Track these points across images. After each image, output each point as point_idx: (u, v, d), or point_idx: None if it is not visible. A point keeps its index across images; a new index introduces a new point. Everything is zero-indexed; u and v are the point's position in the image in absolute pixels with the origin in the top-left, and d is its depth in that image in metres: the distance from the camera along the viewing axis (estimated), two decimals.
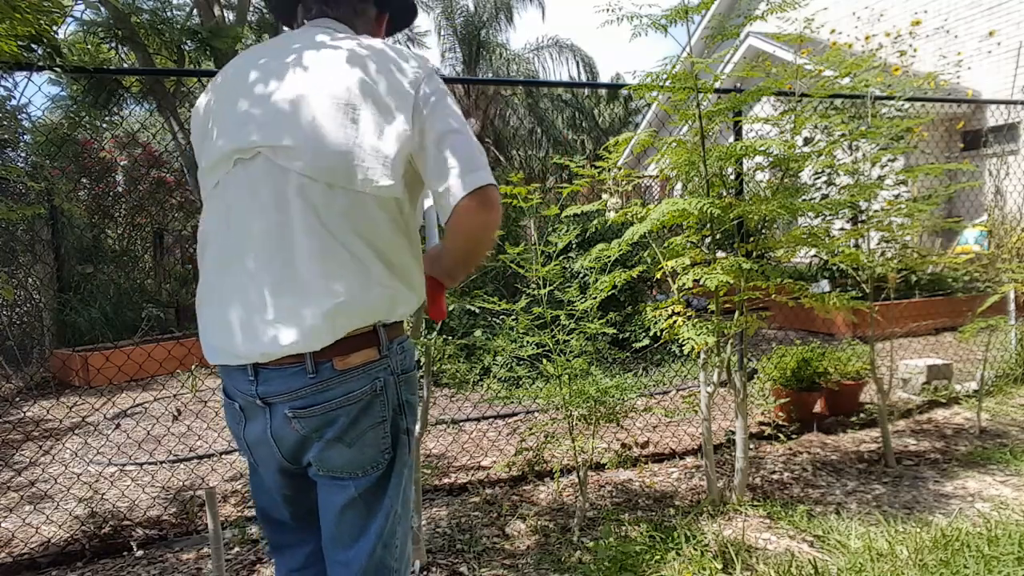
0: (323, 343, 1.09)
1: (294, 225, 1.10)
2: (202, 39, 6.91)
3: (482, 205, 1.10)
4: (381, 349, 1.15)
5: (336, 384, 1.12)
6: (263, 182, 1.12)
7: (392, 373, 1.17)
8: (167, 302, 7.82)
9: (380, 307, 1.14)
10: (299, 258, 1.09)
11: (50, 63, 2.68)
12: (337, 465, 1.16)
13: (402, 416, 1.20)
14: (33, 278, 6.73)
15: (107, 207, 8.07)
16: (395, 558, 1.22)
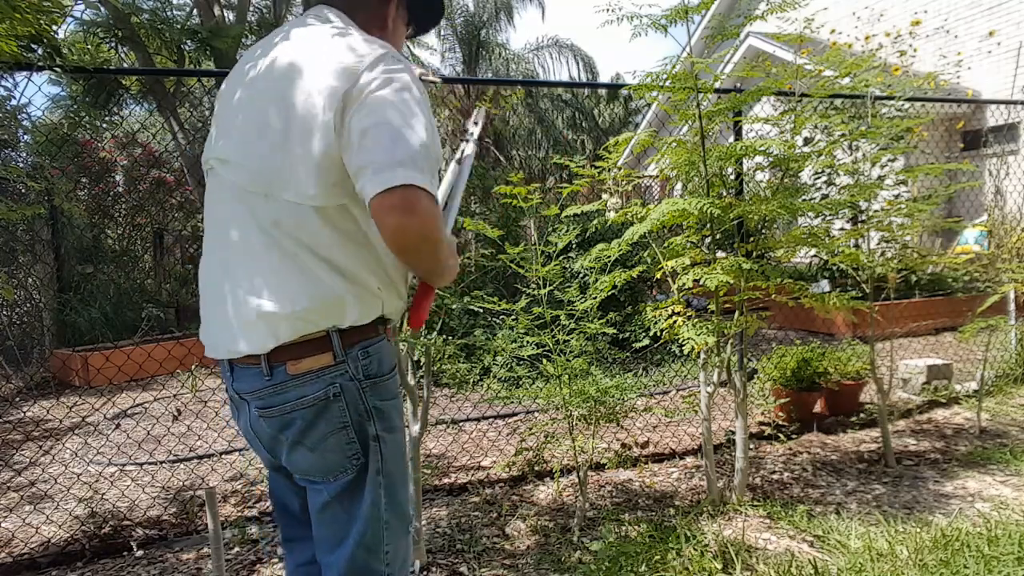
0: (266, 347, 1.12)
1: (245, 232, 1.14)
2: (202, 39, 6.91)
3: (392, 209, 1.00)
4: (336, 355, 1.13)
5: (290, 387, 1.13)
6: (220, 191, 1.20)
7: (352, 379, 1.14)
8: (167, 302, 7.82)
9: (327, 313, 1.12)
10: (249, 264, 1.13)
11: (50, 63, 2.68)
12: (303, 468, 1.19)
13: (370, 422, 1.16)
14: (33, 278, 6.73)
15: (107, 207, 8.07)
16: (385, 563, 1.20)
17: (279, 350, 1.13)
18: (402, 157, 1.02)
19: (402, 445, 1.25)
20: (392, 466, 1.20)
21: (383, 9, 1.32)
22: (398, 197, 1.00)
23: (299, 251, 1.11)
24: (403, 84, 1.09)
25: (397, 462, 1.22)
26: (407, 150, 1.03)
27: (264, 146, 1.11)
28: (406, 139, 1.04)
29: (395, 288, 1.22)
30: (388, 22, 1.32)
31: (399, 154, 1.02)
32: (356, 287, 1.14)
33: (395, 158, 1.02)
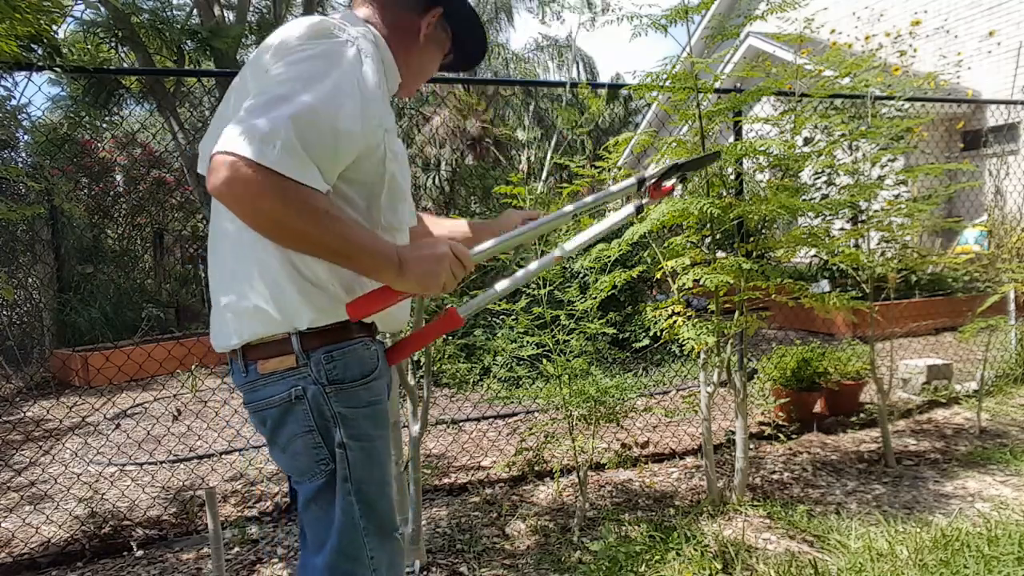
0: (231, 345, 1.16)
1: (221, 225, 1.15)
2: (202, 39, 6.91)
3: (211, 171, 0.94)
4: (298, 358, 1.11)
5: (261, 386, 1.14)
6: None
7: (316, 383, 1.11)
8: (167, 302, 7.82)
9: (281, 311, 1.10)
10: (225, 262, 1.16)
11: (50, 63, 2.68)
12: (282, 466, 1.22)
13: (336, 428, 1.12)
14: (33, 278, 6.73)
15: (107, 207, 8.08)
16: (371, 569, 1.17)
17: (251, 348, 1.14)
18: (246, 124, 0.94)
19: (378, 453, 1.19)
20: (362, 473, 1.15)
21: (418, 17, 1.26)
22: (215, 161, 0.93)
23: (256, 245, 1.08)
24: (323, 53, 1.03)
25: (369, 470, 1.17)
26: (259, 117, 0.94)
27: (215, 132, 1.08)
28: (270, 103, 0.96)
29: (366, 284, 1.16)
30: (419, 36, 1.27)
31: (246, 120, 0.94)
32: (310, 286, 1.10)
33: (240, 124, 0.94)
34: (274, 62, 1.04)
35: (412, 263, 1.08)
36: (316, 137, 0.97)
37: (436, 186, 16.33)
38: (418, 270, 1.09)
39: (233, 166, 0.92)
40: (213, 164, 0.93)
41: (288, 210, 0.95)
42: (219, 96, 8.86)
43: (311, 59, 1.03)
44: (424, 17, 1.26)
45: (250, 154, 0.91)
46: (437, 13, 1.27)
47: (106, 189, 8.12)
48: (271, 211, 0.95)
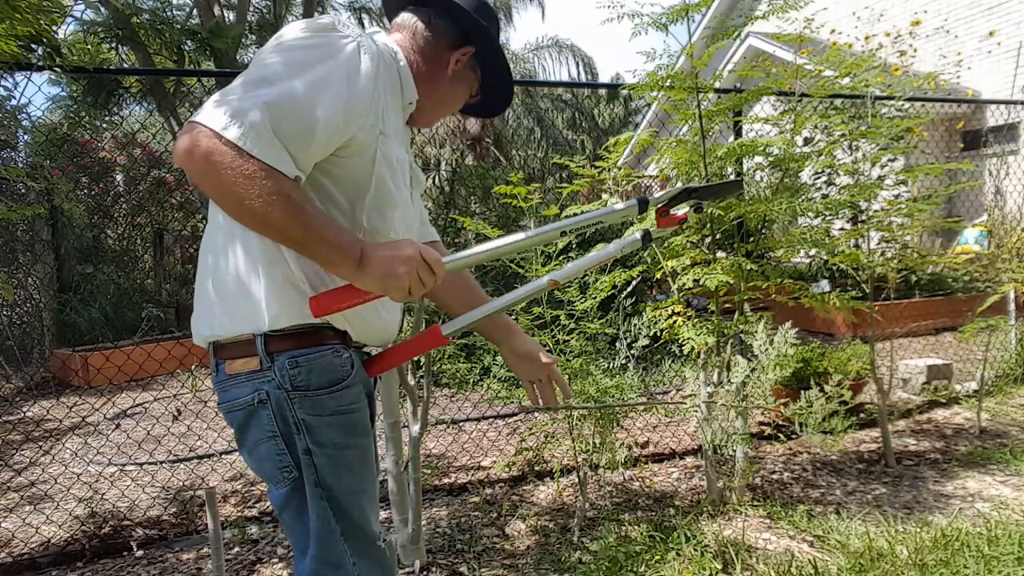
0: (200, 341, 1.16)
1: (216, 222, 1.14)
2: (202, 39, 6.92)
3: (178, 137, 0.94)
4: (262, 361, 1.08)
5: (229, 386, 1.12)
6: None
7: (280, 388, 1.08)
8: (167, 302, 7.82)
9: (248, 314, 1.08)
10: (207, 254, 1.15)
11: (50, 63, 2.68)
12: (251, 469, 1.18)
13: (299, 435, 1.09)
14: (33, 278, 6.73)
15: (107, 207, 8.08)
16: (357, 573, 1.14)
17: (221, 347, 1.12)
18: (220, 98, 0.94)
19: (347, 461, 1.14)
20: (331, 480, 1.11)
21: (447, 52, 1.26)
22: (183, 132, 0.93)
23: (236, 238, 1.08)
24: (318, 44, 1.03)
25: (338, 477, 1.12)
26: (237, 92, 0.95)
27: None
28: (251, 83, 0.96)
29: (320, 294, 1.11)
30: (447, 70, 1.27)
31: (221, 97, 0.94)
32: (280, 285, 1.07)
33: (216, 99, 0.94)
34: (270, 51, 1.03)
35: (374, 261, 1.02)
36: (291, 122, 0.96)
37: (436, 186, 16.33)
38: (380, 268, 1.03)
39: (196, 135, 0.91)
40: (182, 131, 0.93)
41: (247, 187, 0.92)
42: None
43: (306, 48, 1.02)
44: (454, 53, 1.27)
45: (217, 127, 0.91)
46: (468, 52, 1.28)
47: (106, 189, 8.12)
48: (228, 184, 0.92)
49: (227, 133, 0.91)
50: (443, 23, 1.25)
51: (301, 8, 9.57)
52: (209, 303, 1.12)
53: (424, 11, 1.26)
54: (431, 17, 1.25)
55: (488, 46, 1.30)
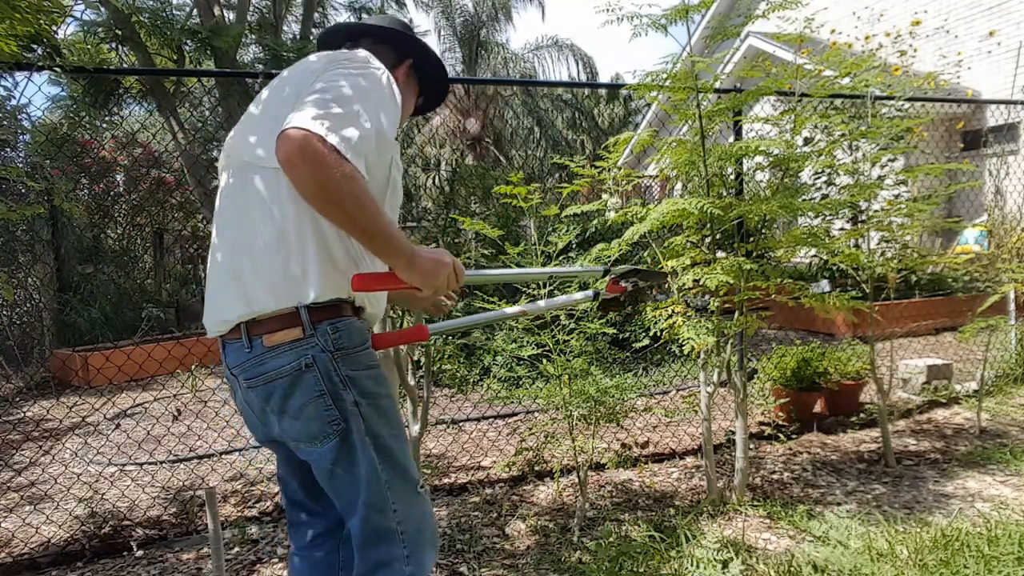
0: (240, 317, 1.25)
1: (248, 207, 1.26)
2: (202, 39, 6.91)
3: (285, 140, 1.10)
4: (305, 329, 1.22)
5: (268, 359, 1.24)
6: (226, 172, 1.36)
7: (324, 350, 1.23)
8: (167, 302, 7.82)
9: (294, 290, 1.22)
10: (246, 238, 1.25)
11: (50, 63, 2.68)
12: (293, 435, 1.27)
13: (346, 390, 1.24)
14: (33, 278, 6.73)
15: (107, 207, 8.07)
16: (396, 520, 1.27)
17: (256, 324, 1.24)
18: (314, 108, 1.13)
19: (389, 409, 1.31)
20: (378, 428, 1.27)
21: (394, 70, 1.45)
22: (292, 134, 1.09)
23: (291, 223, 1.22)
24: (370, 74, 1.27)
25: (383, 424, 1.28)
26: (328, 107, 1.14)
27: (248, 128, 1.31)
28: (334, 100, 1.16)
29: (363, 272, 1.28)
30: (400, 76, 1.50)
31: (316, 108, 1.13)
32: (329, 266, 1.23)
33: (309, 106, 1.13)
34: (329, 71, 1.24)
35: (422, 260, 1.24)
36: (364, 136, 1.16)
37: (436, 186, 16.33)
38: (426, 267, 1.25)
39: (308, 138, 1.09)
40: (288, 135, 1.09)
41: (344, 185, 1.10)
42: (219, 96, 8.85)
43: (363, 74, 1.26)
44: (399, 69, 1.51)
45: (323, 132, 1.09)
46: (408, 63, 1.54)
47: (106, 189, 8.11)
48: (330, 182, 1.09)
49: (330, 138, 1.10)
50: (381, 47, 1.48)
51: (301, 8, 9.56)
52: (241, 286, 1.24)
53: (363, 42, 1.48)
54: (371, 45, 1.47)
55: (421, 54, 1.55)
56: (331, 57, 1.30)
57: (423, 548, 1.31)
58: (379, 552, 1.27)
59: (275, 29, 8.92)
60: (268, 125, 1.22)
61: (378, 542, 1.27)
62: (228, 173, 1.33)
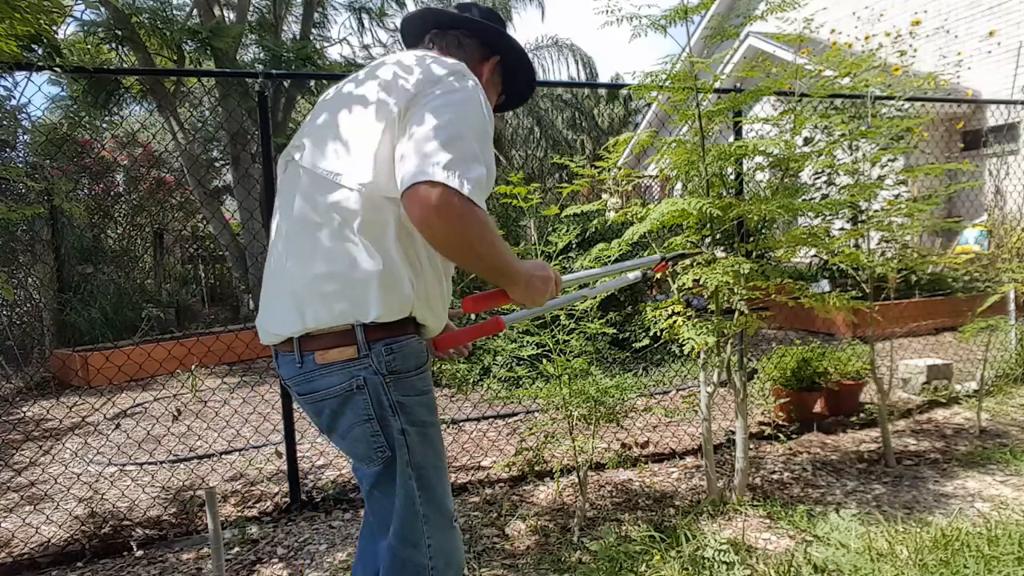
0: (288, 333, 1.22)
1: (313, 222, 1.21)
2: (202, 39, 6.91)
3: (421, 199, 1.07)
4: (360, 348, 1.18)
5: (318, 376, 1.21)
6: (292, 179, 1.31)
7: (376, 373, 1.19)
8: (167, 302, 7.82)
9: (354, 307, 1.17)
10: (311, 252, 1.21)
11: (50, 63, 2.68)
12: (344, 451, 1.29)
13: (394, 416, 1.21)
14: (33, 278, 6.73)
15: (107, 207, 8.08)
16: (429, 556, 1.25)
17: (309, 339, 1.20)
18: (446, 156, 1.09)
19: (435, 439, 1.28)
20: (422, 459, 1.24)
21: (478, 65, 1.44)
22: (427, 192, 1.07)
23: (360, 240, 1.18)
24: (471, 97, 1.20)
25: (428, 455, 1.26)
26: (450, 150, 1.09)
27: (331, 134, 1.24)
28: (452, 140, 1.11)
29: (429, 291, 1.26)
30: (481, 80, 1.36)
31: (440, 152, 1.09)
32: (394, 285, 1.19)
33: (435, 155, 1.09)
34: (432, 93, 1.17)
35: (533, 281, 1.27)
36: (488, 175, 1.16)
37: None
38: (535, 286, 1.28)
39: (445, 196, 1.06)
40: (422, 195, 1.07)
41: (481, 233, 1.11)
42: (219, 96, 8.83)
43: (465, 101, 1.19)
44: (485, 65, 1.46)
45: (456, 185, 1.07)
46: (495, 61, 1.48)
47: (106, 189, 8.11)
48: (470, 235, 1.10)
49: (465, 190, 1.07)
50: (470, 41, 1.44)
51: (301, 8, 9.56)
52: (296, 300, 1.20)
53: (452, 34, 1.44)
54: (459, 38, 1.43)
55: (511, 51, 1.48)
56: (428, 74, 1.21)
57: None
58: None
59: (275, 29, 8.92)
60: (355, 140, 1.20)
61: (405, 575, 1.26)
62: (298, 172, 1.27)
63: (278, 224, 1.31)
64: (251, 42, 9.07)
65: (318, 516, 2.75)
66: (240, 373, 6.07)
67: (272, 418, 4.08)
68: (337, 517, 2.73)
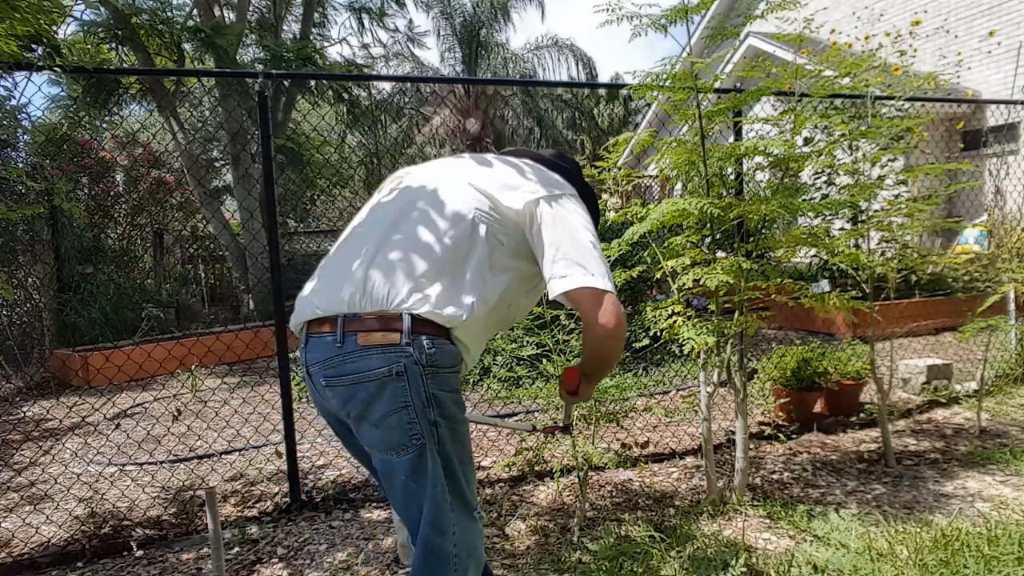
0: (334, 309, 1.26)
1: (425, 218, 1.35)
2: (203, 39, 6.91)
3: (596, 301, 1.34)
4: (403, 335, 1.22)
5: (358, 358, 1.23)
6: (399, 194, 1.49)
7: (416, 362, 1.23)
8: (167, 302, 7.82)
9: (409, 295, 1.24)
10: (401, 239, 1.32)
11: (50, 63, 2.68)
12: (371, 442, 1.29)
13: (430, 407, 1.25)
14: (33, 278, 6.73)
15: (107, 207, 8.08)
16: (453, 543, 1.29)
17: (355, 320, 1.24)
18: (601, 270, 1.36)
19: (463, 436, 1.34)
20: (450, 450, 1.29)
21: None
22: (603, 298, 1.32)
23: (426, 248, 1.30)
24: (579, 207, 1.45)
25: (457, 449, 1.30)
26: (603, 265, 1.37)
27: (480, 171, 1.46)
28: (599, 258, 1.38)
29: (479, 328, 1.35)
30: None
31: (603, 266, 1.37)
32: (453, 284, 1.28)
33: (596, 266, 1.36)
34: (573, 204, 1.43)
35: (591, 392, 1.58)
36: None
37: None
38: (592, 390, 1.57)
39: (612, 302, 1.32)
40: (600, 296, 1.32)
41: (624, 322, 1.36)
42: (219, 96, 8.82)
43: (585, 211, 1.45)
44: None
45: (611, 290, 1.33)
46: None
47: (106, 189, 8.12)
48: (622, 327, 1.35)
49: (613, 292, 1.33)
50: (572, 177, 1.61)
51: (301, 8, 9.56)
52: (359, 277, 1.27)
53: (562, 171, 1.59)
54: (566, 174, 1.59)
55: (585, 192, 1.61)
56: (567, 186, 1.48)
57: (467, 572, 1.34)
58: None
59: (275, 29, 8.93)
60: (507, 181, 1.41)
61: (433, 567, 1.29)
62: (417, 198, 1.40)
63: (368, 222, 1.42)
64: (251, 42, 9.08)
65: (318, 516, 2.75)
66: (240, 373, 6.07)
67: (272, 418, 4.08)
68: (337, 517, 2.73)
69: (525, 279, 1.44)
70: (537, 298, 1.57)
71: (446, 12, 16.77)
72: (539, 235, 1.35)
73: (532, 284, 1.47)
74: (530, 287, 1.48)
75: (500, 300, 1.37)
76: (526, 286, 1.46)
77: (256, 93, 2.76)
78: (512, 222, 1.37)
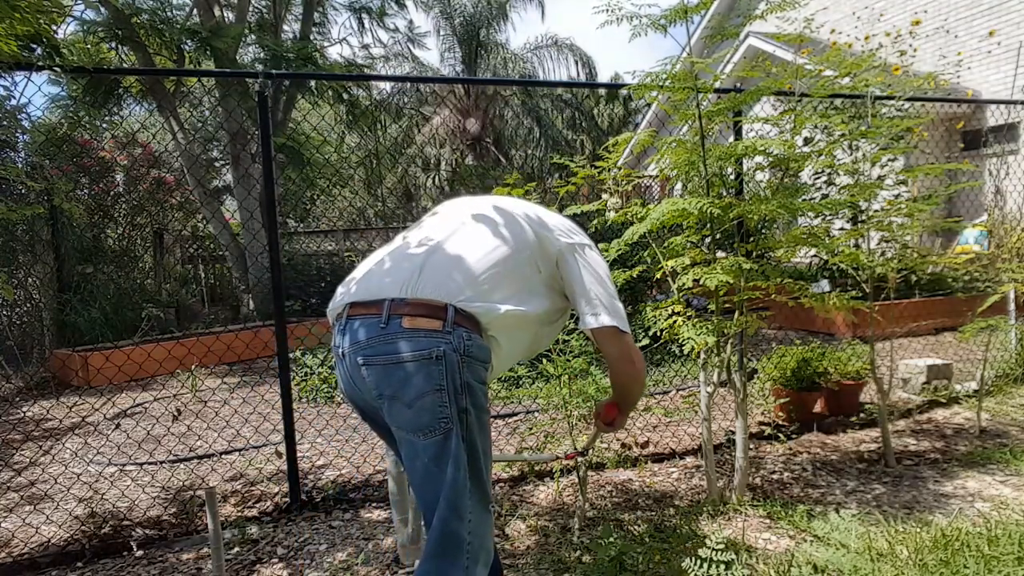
0: (392, 293, 1.35)
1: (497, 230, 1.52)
2: (202, 39, 6.90)
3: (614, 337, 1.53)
4: (445, 324, 1.32)
5: (400, 339, 1.31)
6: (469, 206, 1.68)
7: (455, 350, 1.31)
8: (167, 302, 7.82)
9: (458, 290, 1.36)
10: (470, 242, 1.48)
11: (50, 63, 2.68)
12: (400, 423, 1.34)
13: (462, 394, 1.32)
14: (33, 278, 6.73)
15: (107, 207, 8.07)
16: (468, 530, 1.33)
17: (402, 304, 1.33)
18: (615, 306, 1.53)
19: (487, 427, 1.40)
20: (475, 438, 1.35)
21: None
22: (619, 338, 1.52)
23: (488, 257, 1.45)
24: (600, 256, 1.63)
25: (481, 439, 1.37)
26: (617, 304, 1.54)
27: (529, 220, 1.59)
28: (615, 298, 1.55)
29: (509, 337, 1.47)
30: None
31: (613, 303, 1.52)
32: (491, 294, 1.40)
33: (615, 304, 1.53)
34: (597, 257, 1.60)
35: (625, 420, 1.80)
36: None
37: (436, 186, 16.32)
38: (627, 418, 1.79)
39: (628, 342, 1.53)
40: (613, 334, 1.51)
41: (640, 357, 1.59)
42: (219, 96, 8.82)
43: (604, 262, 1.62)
44: None
45: (627, 329, 1.52)
46: None
47: (106, 189, 8.12)
48: (642, 364, 1.58)
49: (629, 333, 1.52)
50: None
51: (301, 8, 9.56)
52: (410, 271, 1.39)
53: None
54: None
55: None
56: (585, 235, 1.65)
57: (478, 563, 1.37)
58: (446, 562, 1.33)
59: (275, 29, 8.92)
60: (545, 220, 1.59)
61: (447, 550, 1.32)
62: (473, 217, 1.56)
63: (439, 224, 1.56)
64: (251, 42, 9.07)
65: (318, 516, 2.75)
66: (240, 373, 6.07)
67: (272, 418, 4.08)
68: (337, 517, 2.73)
69: (552, 311, 1.55)
70: (556, 334, 1.71)
71: (446, 12, 16.77)
72: (576, 276, 1.51)
73: (556, 317, 1.59)
74: (555, 319, 1.59)
75: (530, 321, 1.48)
76: (551, 317, 1.56)
77: (256, 93, 2.76)
78: (550, 256, 1.52)
